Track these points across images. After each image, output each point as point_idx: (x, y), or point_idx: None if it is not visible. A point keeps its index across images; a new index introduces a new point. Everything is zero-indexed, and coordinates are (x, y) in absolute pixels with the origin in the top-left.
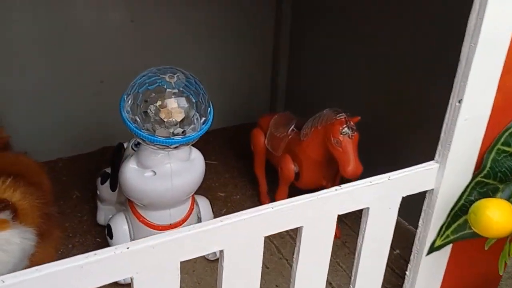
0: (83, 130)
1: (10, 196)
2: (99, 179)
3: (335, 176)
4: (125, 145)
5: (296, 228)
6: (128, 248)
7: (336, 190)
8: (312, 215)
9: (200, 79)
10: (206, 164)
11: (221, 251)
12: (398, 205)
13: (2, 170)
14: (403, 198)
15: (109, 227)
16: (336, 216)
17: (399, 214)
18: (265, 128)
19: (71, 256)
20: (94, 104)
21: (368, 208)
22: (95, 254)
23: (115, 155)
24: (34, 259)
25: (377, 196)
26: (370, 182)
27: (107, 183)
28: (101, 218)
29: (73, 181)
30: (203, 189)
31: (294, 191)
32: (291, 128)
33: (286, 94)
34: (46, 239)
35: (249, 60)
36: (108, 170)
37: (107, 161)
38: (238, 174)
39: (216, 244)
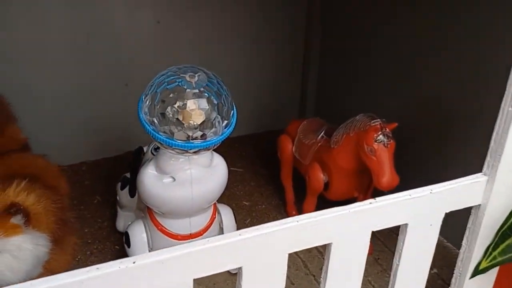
0: (107, 133)
1: (23, 200)
2: (119, 184)
3: (368, 187)
4: (145, 149)
5: (325, 244)
6: (134, 262)
7: (370, 203)
8: (342, 231)
9: (227, 82)
10: (231, 171)
11: (240, 268)
12: (440, 222)
13: (18, 172)
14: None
15: (127, 235)
16: (370, 233)
17: None
18: (293, 134)
19: (89, 263)
20: (119, 107)
21: (406, 225)
22: (97, 268)
23: (134, 159)
24: (49, 267)
25: (417, 211)
26: (410, 195)
27: (127, 189)
28: (120, 225)
29: (96, 185)
30: (227, 197)
31: (323, 202)
32: (320, 135)
33: (316, 99)
34: (61, 245)
35: (278, 64)
36: (128, 175)
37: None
38: (264, 183)
39: (235, 260)
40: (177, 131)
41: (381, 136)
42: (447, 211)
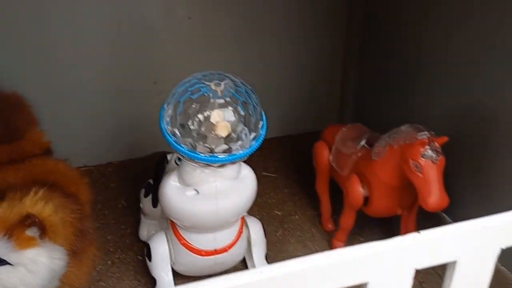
0: (135, 133)
1: (40, 210)
2: (143, 191)
3: (412, 204)
4: (169, 157)
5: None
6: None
7: (413, 238)
8: (379, 270)
9: (262, 82)
10: (263, 176)
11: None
12: (495, 259)
13: (38, 179)
14: None
15: (148, 247)
16: (413, 272)
17: None
18: (330, 141)
19: (109, 274)
20: (147, 106)
21: (455, 262)
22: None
23: (157, 167)
24: (66, 280)
25: (468, 247)
26: (459, 229)
27: (150, 197)
28: (144, 234)
29: (121, 188)
30: (257, 206)
31: (363, 218)
32: (361, 144)
33: (356, 101)
34: (79, 257)
35: (316, 63)
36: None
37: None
38: (298, 190)
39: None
40: (199, 144)
41: (429, 151)
42: (504, 247)
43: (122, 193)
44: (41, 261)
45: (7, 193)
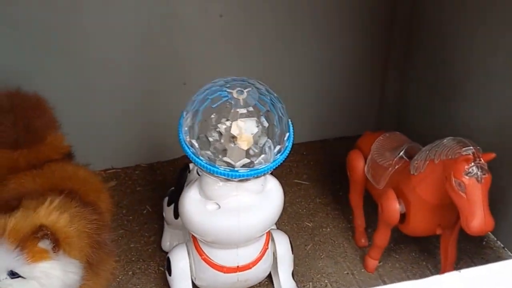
0: (163, 135)
1: (55, 221)
2: (166, 199)
3: (454, 224)
4: (191, 165)
5: None
6: None
7: (452, 278)
8: None
9: (294, 84)
10: (294, 183)
11: None
12: None
13: (56, 186)
14: None
15: (168, 261)
16: None
17: None
18: (366, 150)
19: (129, 285)
20: (175, 108)
21: None
22: None
23: (180, 177)
24: None
25: None
26: (506, 267)
27: (173, 206)
28: (166, 244)
29: (148, 192)
30: (287, 215)
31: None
32: (399, 155)
33: (396, 107)
34: (96, 270)
35: (354, 65)
36: None
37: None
38: (332, 200)
39: None
40: (218, 158)
41: (473, 168)
42: None
43: (148, 198)
44: (54, 274)
45: (23, 200)
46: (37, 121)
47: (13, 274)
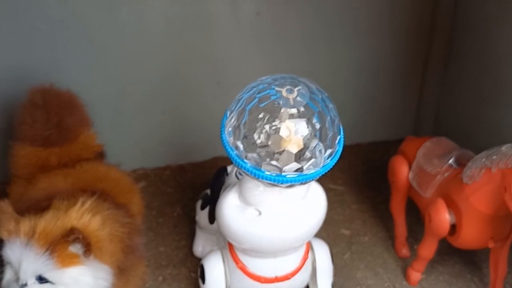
0: (194, 136)
1: (86, 224)
2: (199, 202)
3: (507, 237)
4: (229, 169)
5: None
6: None
7: None
8: None
9: (331, 84)
10: (329, 189)
11: None
12: None
13: (87, 186)
14: None
15: (202, 268)
16: None
17: None
18: (410, 156)
19: None
20: (208, 108)
21: None
22: None
23: (216, 181)
24: None
25: None
26: None
27: (207, 210)
28: (198, 249)
29: (178, 194)
30: (323, 223)
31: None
32: (449, 163)
33: (434, 111)
34: (127, 276)
35: (392, 66)
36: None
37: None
38: (369, 207)
39: None
40: (266, 161)
41: None
42: None
43: (178, 200)
44: (84, 281)
45: (54, 201)
46: (69, 118)
47: (41, 279)
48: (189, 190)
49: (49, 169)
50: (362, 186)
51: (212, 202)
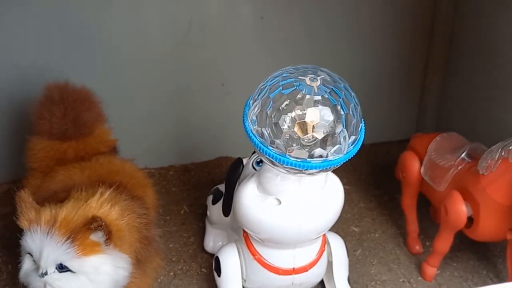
0: (199, 136)
1: (106, 213)
2: (210, 197)
3: None
4: (245, 161)
5: None
6: None
7: None
8: None
9: None
10: None
11: None
12: None
13: (104, 178)
14: None
15: (217, 261)
16: None
17: None
18: (421, 152)
19: (171, 286)
20: (213, 109)
21: None
22: None
23: (232, 173)
24: None
25: None
26: None
27: (219, 204)
28: (209, 244)
29: (183, 192)
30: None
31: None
32: (461, 156)
33: (436, 112)
34: (144, 267)
35: (393, 68)
36: (221, 187)
37: (221, 173)
38: (376, 205)
39: None
40: (292, 146)
41: None
42: None
43: (184, 199)
44: (104, 269)
45: (71, 192)
46: (85, 113)
47: (61, 268)
48: (194, 189)
49: (65, 162)
50: (367, 185)
51: (227, 195)
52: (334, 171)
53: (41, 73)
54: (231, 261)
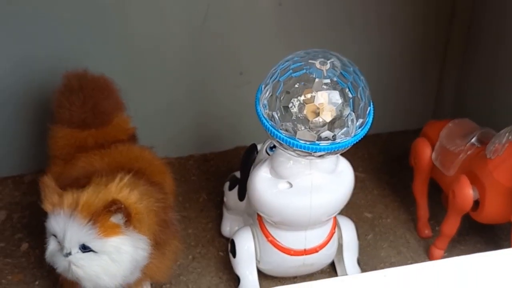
0: (217, 125)
1: (126, 197)
2: (227, 184)
3: None
4: (259, 147)
5: None
6: None
7: None
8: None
9: None
10: None
11: None
12: None
13: (123, 165)
14: None
15: (232, 243)
16: None
17: None
18: (433, 138)
19: (190, 269)
20: (231, 98)
21: None
22: None
23: (246, 158)
24: (148, 272)
25: None
26: None
27: (235, 190)
28: (226, 229)
29: (202, 181)
30: (345, 207)
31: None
32: (471, 141)
33: (453, 102)
34: (162, 250)
35: (410, 57)
36: (238, 174)
37: (239, 162)
38: (389, 192)
39: None
40: (301, 129)
41: None
42: None
43: (203, 187)
44: (125, 250)
45: (92, 178)
46: (104, 102)
47: (84, 248)
48: (213, 178)
49: (86, 149)
50: (382, 173)
51: (242, 179)
52: (350, 159)
53: (60, 62)
54: (246, 243)
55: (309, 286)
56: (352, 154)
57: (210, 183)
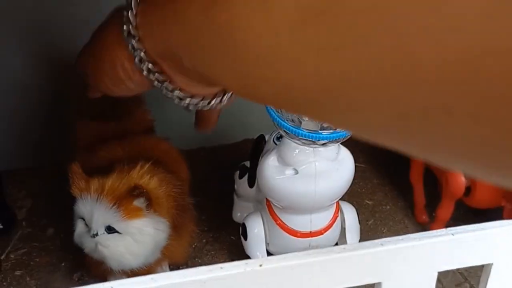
0: (226, 119)
1: (147, 183)
2: (237, 172)
3: None
4: (267, 137)
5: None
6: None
7: (439, 235)
8: (396, 268)
9: None
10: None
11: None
12: None
13: (142, 154)
14: None
15: (244, 226)
16: (436, 274)
17: None
18: None
19: (204, 251)
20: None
21: (490, 265)
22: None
23: (255, 148)
24: (167, 253)
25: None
26: (498, 227)
27: (245, 178)
28: (237, 215)
29: (213, 172)
30: (348, 195)
31: (456, 208)
32: None
33: None
34: (180, 232)
35: None
36: (247, 163)
37: (248, 154)
38: (389, 181)
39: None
40: (305, 119)
41: None
42: None
43: (213, 177)
44: (147, 231)
45: (115, 166)
46: (125, 96)
47: (110, 229)
48: (223, 169)
49: (107, 140)
50: (381, 164)
51: (252, 167)
52: (352, 151)
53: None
54: (256, 226)
55: (307, 254)
56: (353, 146)
57: (220, 174)
